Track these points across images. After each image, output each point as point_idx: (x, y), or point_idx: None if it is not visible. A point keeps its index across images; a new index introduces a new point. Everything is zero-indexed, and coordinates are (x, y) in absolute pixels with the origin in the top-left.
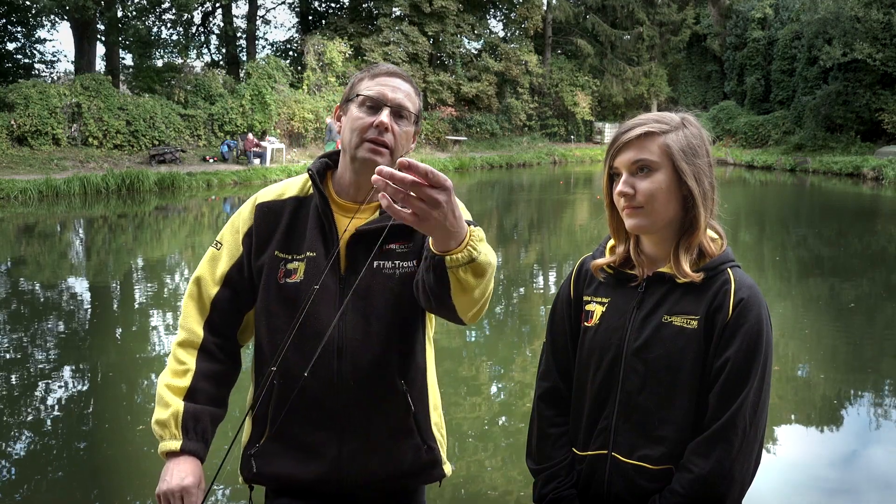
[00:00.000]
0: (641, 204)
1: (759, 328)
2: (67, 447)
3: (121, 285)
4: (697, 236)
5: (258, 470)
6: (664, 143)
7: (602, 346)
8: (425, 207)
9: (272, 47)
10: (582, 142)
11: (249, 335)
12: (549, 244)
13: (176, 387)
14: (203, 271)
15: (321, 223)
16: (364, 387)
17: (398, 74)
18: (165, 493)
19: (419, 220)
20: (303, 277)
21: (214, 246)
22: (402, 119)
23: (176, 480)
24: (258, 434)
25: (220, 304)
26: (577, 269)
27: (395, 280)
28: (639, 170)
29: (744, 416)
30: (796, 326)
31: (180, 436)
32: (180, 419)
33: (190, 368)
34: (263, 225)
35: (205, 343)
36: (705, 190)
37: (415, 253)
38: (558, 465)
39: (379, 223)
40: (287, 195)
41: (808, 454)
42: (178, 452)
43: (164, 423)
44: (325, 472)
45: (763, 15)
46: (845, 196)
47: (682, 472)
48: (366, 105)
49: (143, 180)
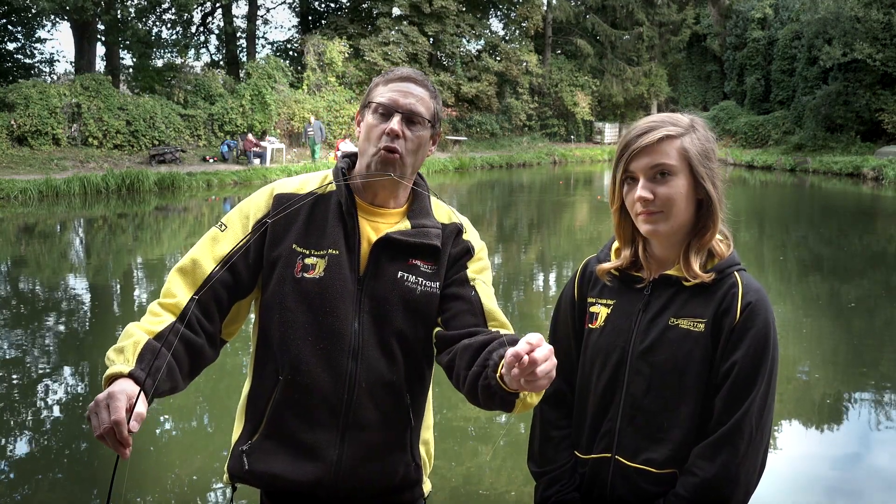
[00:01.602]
0: (660, 209)
1: (766, 332)
2: (67, 447)
3: (121, 285)
4: (710, 238)
5: (250, 467)
6: (682, 147)
7: (607, 349)
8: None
9: (272, 47)
10: (582, 142)
11: (236, 329)
12: (549, 244)
13: (145, 327)
14: (201, 249)
15: (344, 221)
16: (374, 392)
17: (412, 79)
18: (92, 410)
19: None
20: (323, 274)
21: (218, 227)
22: (415, 125)
23: (103, 394)
24: (251, 430)
25: (215, 284)
26: (580, 270)
27: (415, 295)
28: (657, 174)
29: (750, 420)
30: (796, 326)
31: (133, 362)
32: (139, 348)
33: (165, 321)
34: (281, 216)
35: (187, 311)
36: (720, 192)
37: (439, 276)
38: (561, 469)
39: (411, 237)
40: (306, 190)
41: (809, 454)
42: (122, 375)
43: (120, 350)
44: (320, 475)
45: (763, 15)
46: (845, 196)
47: (686, 475)
48: (378, 112)
49: (143, 180)
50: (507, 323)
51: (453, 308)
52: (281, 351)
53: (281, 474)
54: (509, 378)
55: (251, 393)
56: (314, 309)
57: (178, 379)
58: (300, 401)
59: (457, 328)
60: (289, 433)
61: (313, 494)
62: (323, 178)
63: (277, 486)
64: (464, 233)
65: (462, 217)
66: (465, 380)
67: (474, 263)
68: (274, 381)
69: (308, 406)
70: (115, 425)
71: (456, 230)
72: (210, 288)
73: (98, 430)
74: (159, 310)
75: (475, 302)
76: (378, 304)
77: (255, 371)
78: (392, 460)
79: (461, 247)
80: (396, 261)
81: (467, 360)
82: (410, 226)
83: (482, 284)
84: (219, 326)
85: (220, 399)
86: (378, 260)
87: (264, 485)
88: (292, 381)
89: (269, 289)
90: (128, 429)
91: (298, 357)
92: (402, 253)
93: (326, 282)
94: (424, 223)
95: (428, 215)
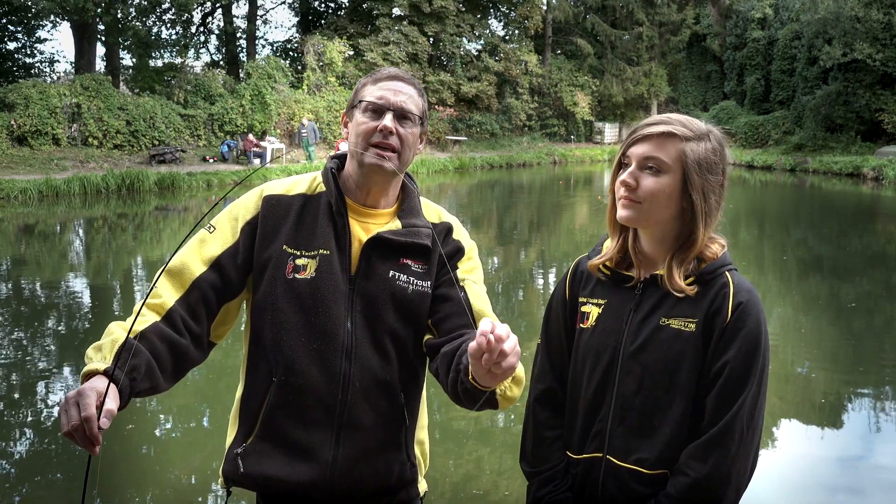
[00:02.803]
0: (640, 200)
1: (758, 332)
2: (67, 447)
3: (121, 285)
4: (693, 252)
5: (246, 470)
6: (682, 149)
7: (598, 348)
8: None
9: (272, 47)
10: (582, 142)
11: (225, 331)
12: (549, 244)
13: (126, 326)
14: (189, 251)
15: (334, 221)
16: (368, 391)
17: (401, 78)
18: (62, 408)
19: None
20: (314, 274)
21: (207, 229)
22: (407, 121)
23: (73, 392)
24: (245, 433)
25: (202, 284)
26: (572, 269)
27: (406, 294)
28: (648, 167)
29: (741, 420)
30: (796, 326)
31: (110, 359)
32: (117, 346)
33: (148, 320)
34: (271, 217)
35: (172, 313)
36: (710, 207)
37: (430, 276)
38: (554, 469)
39: (402, 237)
40: (295, 191)
41: (809, 454)
42: (98, 372)
43: (98, 348)
44: (316, 476)
45: (763, 15)
46: (845, 196)
47: (677, 475)
48: (369, 110)
49: (143, 180)
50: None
51: (443, 310)
52: (274, 352)
53: (276, 476)
54: (480, 374)
55: (244, 395)
56: (306, 309)
57: (158, 378)
58: (294, 402)
59: (446, 331)
60: (283, 434)
61: (309, 496)
62: (312, 179)
63: (273, 488)
64: (454, 232)
65: (451, 216)
66: (447, 387)
67: (465, 263)
68: (267, 382)
69: (302, 407)
70: (84, 422)
71: (446, 229)
72: (198, 289)
73: (66, 427)
74: (144, 310)
75: (464, 303)
76: (370, 304)
77: (248, 373)
78: (387, 460)
79: (451, 246)
80: (388, 260)
81: (446, 367)
82: (401, 225)
83: (472, 284)
84: (206, 328)
85: (220, 399)
86: (369, 259)
87: (259, 487)
88: (286, 382)
89: (261, 290)
90: (97, 425)
91: (292, 358)
92: (393, 252)
93: (318, 282)
94: (415, 222)
95: (418, 215)
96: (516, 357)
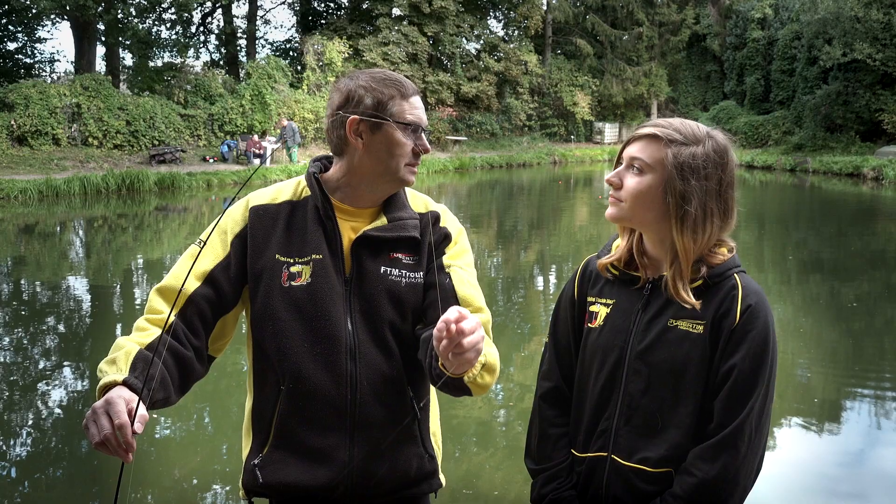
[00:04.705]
0: (623, 199)
1: (766, 335)
2: (67, 447)
3: (121, 285)
4: (690, 259)
5: (265, 480)
6: (665, 153)
7: (605, 348)
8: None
9: (272, 47)
10: (582, 142)
11: (222, 345)
12: (549, 244)
13: (134, 339)
14: (181, 267)
15: (323, 225)
16: (376, 389)
17: (416, 90)
18: (90, 419)
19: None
20: (310, 280)
21: (196, 244)
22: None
23: (100, 402)
24: (260, 443)
25: (197, 298)
26: (581, 269)
27: (401, 287)
28: (634, 167)
29: (751, 422)
30: (796, 326)
31: (126, 370)
32: (132, 357)
33: (153, 333)
34: (259, 228)
35: (172, 326)
36: (693, 212)
37: (421, 266)
38: (558, 466)
39: (388, 232)
40: (280, 199)
41: (809, 454)
42: (116, 384)
43: (112, 361)
44: (334, 478)
45: (763, 15)
46: (845, 196)
47: (684, 475)
48: (409, 130)
49: (143, 180)
50: (483, 307)
51: (429, 297)
52: (279, 361)
53: (296, 482)
54: (444, 361)
55: (255, 407)
56: (306, 315)
57: (170, 389)
58: (305, 408)
59: (431, 319)
60: (298, 441)
61: (330, 498)
62: (296, 184)
63: (294, 494)
64: (441, 220)
65: (439, 205)
66: (427, 373)
67: (451, 248)
68: (276, 392)
69: (314, 412)
70: (118, 429)
71: (434, 218)
72: (193, 304)
73: (97, 437)
74: (146, 324)
75: (448, 289)
76: (368, 302)
77: (256, 384)
78: (405, 454)
79: (439, 234)
80: (378, 257)
81: (423, 353)
82: (387, 220)
83: (458, 270)
84: (205, 342)
85: (221, 399)
86: (360, 259)
87: (280, 495)
88: (295, 389)
89: (258, 301)
90: (132, 431)
91: (298, 365)
92: (382, 248)
93: (315, 287)
94: (400, 216)
95: (404, 207)
96: (475, 354)
